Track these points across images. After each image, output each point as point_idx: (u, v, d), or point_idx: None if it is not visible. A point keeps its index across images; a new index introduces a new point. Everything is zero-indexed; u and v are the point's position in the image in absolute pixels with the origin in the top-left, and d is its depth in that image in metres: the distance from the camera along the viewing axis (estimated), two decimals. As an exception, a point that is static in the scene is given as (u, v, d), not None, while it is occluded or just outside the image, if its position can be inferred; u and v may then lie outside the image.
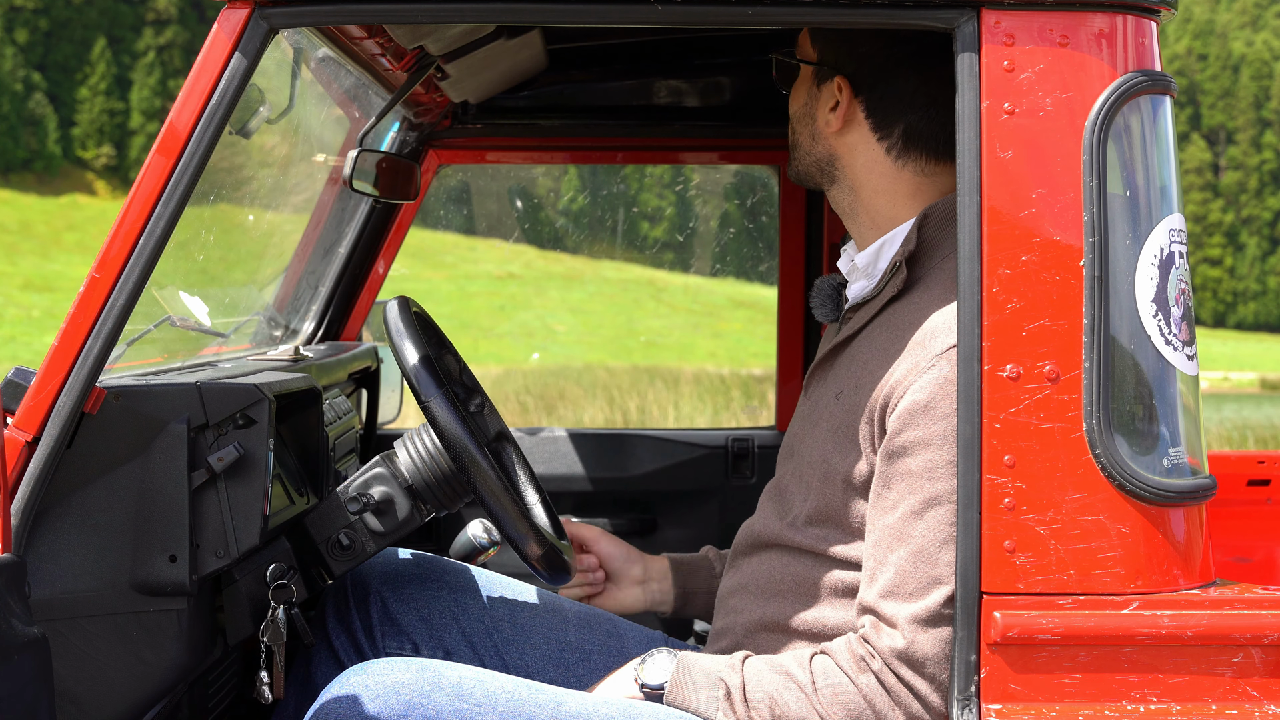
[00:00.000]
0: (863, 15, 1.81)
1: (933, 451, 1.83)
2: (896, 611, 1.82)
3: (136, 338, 2.46)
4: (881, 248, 2.05)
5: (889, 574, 1.84)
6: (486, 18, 1.90)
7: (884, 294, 2.00)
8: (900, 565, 1.83)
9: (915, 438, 1.84)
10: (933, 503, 1.82)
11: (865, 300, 2.05)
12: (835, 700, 1.83)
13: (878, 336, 1.97)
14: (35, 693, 1.65)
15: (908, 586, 1.82)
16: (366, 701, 1.86)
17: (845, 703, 1.83)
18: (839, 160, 2.07)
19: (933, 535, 1.82)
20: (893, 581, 1.83)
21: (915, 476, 1.84)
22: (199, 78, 1.85)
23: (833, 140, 2.07)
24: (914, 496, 1.84)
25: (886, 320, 1.97)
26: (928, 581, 1.81)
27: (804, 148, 2.11)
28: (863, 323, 2.02)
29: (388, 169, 2.49)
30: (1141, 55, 1.81)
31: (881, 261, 2.05)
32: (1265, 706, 1.75)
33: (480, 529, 2.24)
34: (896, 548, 1.84)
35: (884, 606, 1.83)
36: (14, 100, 54.82)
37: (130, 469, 1.94)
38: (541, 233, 34.83)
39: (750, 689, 1.87)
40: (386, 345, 2.63)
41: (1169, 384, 1.83)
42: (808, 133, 2.10)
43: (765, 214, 3.99)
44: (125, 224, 1.84)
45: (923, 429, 1.83)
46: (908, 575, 1.82)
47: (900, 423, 1.85)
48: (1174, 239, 1.83)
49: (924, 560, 1.82)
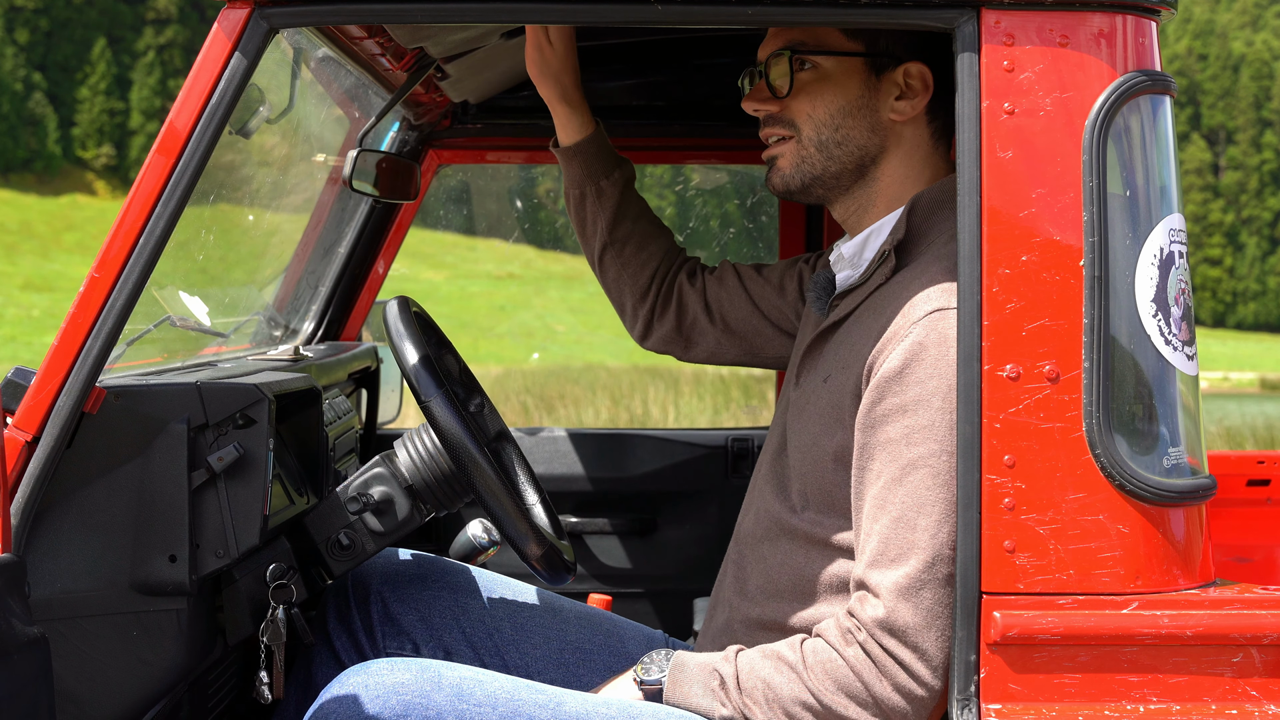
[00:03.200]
0: (863, 15, 1.81)
1: (909, 417, 1.82)
2: (880, 581, 1.82)
3: (136, 338, 2.46)
4: (869, 237, 2.04)
5: (873, 543, 1.84)
6: (486, 18, 1.90)
7: (871, 281, 2.00)
8: (882, 534, 1.83)
9: (892, 405, 1.84)
10: (910, 468, 1.82)
11: (852, 288, 2.04)
12: (825, 675, 1.83)
13: (865, 320, 1.97)
14: (35, 693, 1.65)
15: (889, 554, 1.82)
16: (366, 701, 1.86)
17: (835, 676, 1.82)
18: (886, 152, 2.03)
19: (912, 500, 1.81)
20: (876, 550, 1.83)
21: (894, 444, 1.83)
22: (199, 78, 1.85)
23: (894, 131, 2.02)
24: (894, 464, 1.83)
25: (873, 304, 1.97)
26: (906, 548, 1.81)
27: (855, 143, 2.03)
28: (850, 309, 2.02)
29: (388, 169, 2.49)
30: (1141, 55, 1.81)
31: (868, 250, 2.04)
32: (1265, 706, 1.75)
33: (480, 529, 2.24)
34: (879, 516, 1.83)
35: (869, 577, 1.83)
36: (14, 100, 54.81)
37: (130, 469, 1.94)
38: (541, 233, 34.81)
39: (744, 676, 1.87)
40: (386, 345, 2.64)
41: (1169, 384, 1.83)
42: (864, 126, 2.02)
43: (765, 214, 3.98)
44: (125, 224, 1.84)
45: (899, 395, 1.83)
46: (889, 543, 1.82)
47: (877, 392, 1.85)
48: (1174, 239, 1.83)
49: (904, 526, 1.81)
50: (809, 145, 2.04)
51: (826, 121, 2.02)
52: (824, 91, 2.02)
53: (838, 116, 2.02)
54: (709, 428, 4.59)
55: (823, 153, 2.03)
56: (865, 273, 2.02)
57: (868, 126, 2.02)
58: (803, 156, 2.04)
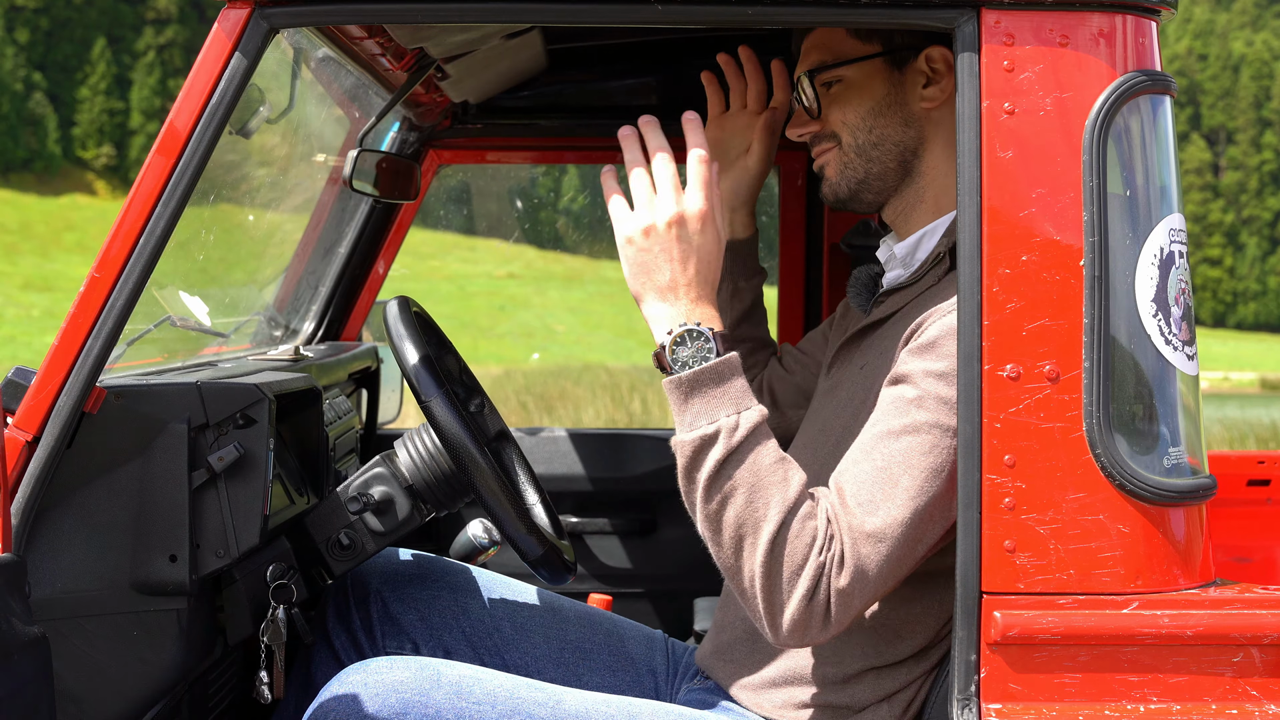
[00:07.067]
0: (863, 15, 1.81)
1: (929, 383, 1.81)
2: (838, 515, 1.77)
3: (136, 338, 2.46)
4: (922, 238, 2.04)
5: (846, 482, 1.79)
6: (486, 18, 1.90)
7: (923, 282, 2.00)
8: (860, 478, 1.79)
9: (916, 368, 1.82)
10: (911, 430, 1.80)
11: (900, 287, 2.05)
12: (788, 556, 1.75)
13: (912, 317, 1.95)
14: (35, 693, 1.65)
15: (859, 497, 1.78)
16: (366, 700, 1.86)
17: (794, 562, 1.75)
18: (925, 143, 2.03)
19: (899, 459, 1.78)
20: (848, 490, 1.79)
21: (904, 402, 1.81)
22: (199, 78, 1.85)
23: (929, 119, 2.02)
24: (896, 419, 1.81)
25: (922, 303, 1.96)
26: (880, 499, 1.77)
27: (891, 140, 2.03)
28: (897, 307, 2.02)
29: (388, 169, 2.49)
30: (1141, 55, 1.81)
31: (921, 252, 2.04)
32: (1265, 706, 1.75)
33: (480, 529, 2.24)
34: (862, 461, 1.80)
35: (832, 501, 1.79)
36: (14, 100, 54.83)
37: (130, 469, 1.94)
38: (541, 233, 34.83)
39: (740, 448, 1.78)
40: (386, 345, 2.64)
41: (1169, 384, 1.83)
42: (897, 121, 2.03)
43: (765, 214, 3.98)
44: (125, 224, 1.84)
45: (924, 363, 1.82)
46: (863, 487, 1.78)
47: (906, 354, 1.85)
48: (1174, 239, 1.83)
49: (885, 479, 1.78)
50: (849, 151, 2.05)
51: (860, 125, 2.04)
52: (851, 98, 2.04)
53: (869, 118, 2.04)
54: (709, 428, 4.58)
55: (862, 156, 2.05)
56: (917, 273, 2.02)
57: (901, 121, 2.03)
58: (844, 162, 2.06)
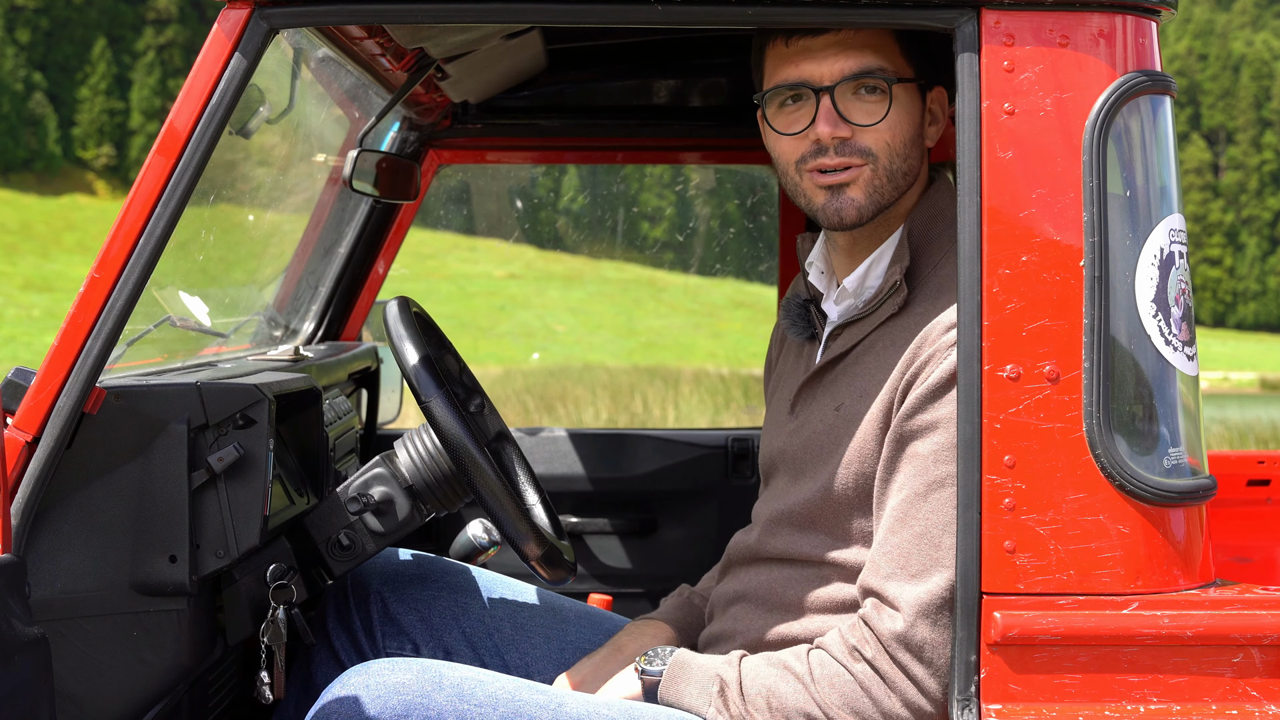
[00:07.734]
0: (863, 15, 1.81)
1: (940, 434, 1.83)
2: (899, 594, 1.82)
3: (136, 338, 2.46)
4: (870, 267, 2.00)
5: (892, 555, 1.84)
6: (486, 18, 1.90)
7: (881, 311, 1.97)
8: (903, 547, 1.83)
9: (924, 421, 1.84)
10: (937, 485, 1.82)
11: (855, 319, 2.01)
12: (832, 689, 1.83)
13: (881, 349, 1.95)
14: (35, 693, 1.65)
15: (910, 568, 1.82)
16: (367, 702, 1.86)
17: (842, 691, 1.82)
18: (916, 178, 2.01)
19: (936, 518, 1.82)
20: (896, 563, 1.83)
21: (922, 459, 1.84)
22: (199, 78, 1.85)
23: (924, 157, 2.00)
24: (920, 479, 1.84)
25: (890, 334, 1.95)
26: (930, 564, 1.81)
27: (912, 171, 1.98)
28: (856, 339, 1.99)
29: (388, 169, 2.49)
30: (1141, 55, 1.81)
31: (871, 279, 2.00)
32: (1265, 706, 1.75)
33: (480, 529, 2.24)
34: (900, 530, 1.84)
35: (887, 588, 1.83)
36: (14, 100, 54.81)
37: (130, 469, 1.94)
38: (541, 233, 34.82)
39: (747, 683, 1.87)
40: (386, 345, 2.63)
41: (1169, 384, 1.83)
42: (917, 154, 1.99)
43: (765, 214, 3.98)
44: (125, 224, 1.84)
45: (932, 412, 1.84)
46: (910, 557, 1.82)
47: (911, 408, 1.85)
48: (1174, 239, 1.83)
49: (928, 543, 1.82)
50: (882, 174, 1.95)
51: (900, 150, 1.96)
52: (900, 120, 1.95)
53: (908, 145, 1.97)
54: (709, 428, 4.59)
55: (892, 182, 1.96)
56: (872, 303, 1.99)
57: (919, 154, 1.99)
58: (876, 186, 1.96)
